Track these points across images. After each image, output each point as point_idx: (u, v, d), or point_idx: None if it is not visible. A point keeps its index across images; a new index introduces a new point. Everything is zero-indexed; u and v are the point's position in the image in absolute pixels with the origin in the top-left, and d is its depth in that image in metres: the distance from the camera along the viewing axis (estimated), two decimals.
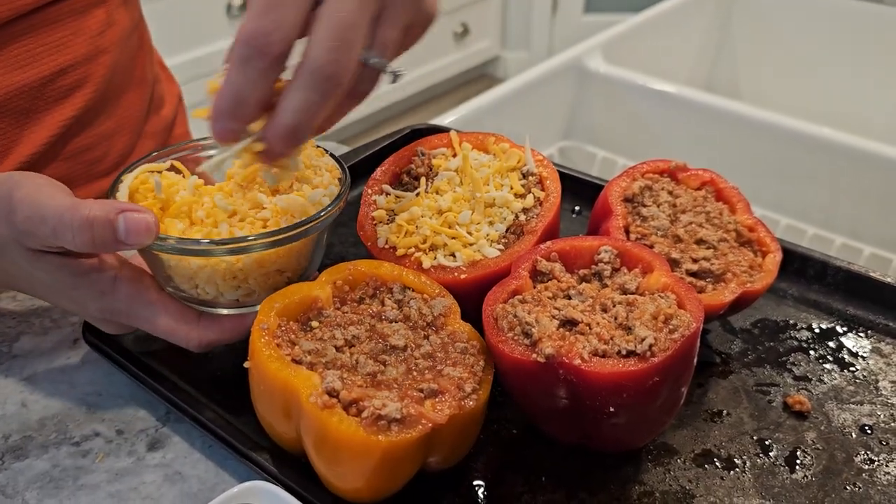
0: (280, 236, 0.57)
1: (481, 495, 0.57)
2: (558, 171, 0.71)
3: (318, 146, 0.66)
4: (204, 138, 0.67)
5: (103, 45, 0.81)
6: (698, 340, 0.54)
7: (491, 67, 3.54)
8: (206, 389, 0.64)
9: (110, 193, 0.60)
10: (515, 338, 0.54)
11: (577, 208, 0.88)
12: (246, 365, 0.55)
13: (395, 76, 0.55)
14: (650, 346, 0.51)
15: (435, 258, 0.62)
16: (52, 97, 0.78)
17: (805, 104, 1.65)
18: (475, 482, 0.58)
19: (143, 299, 0.60)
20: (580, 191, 0.86)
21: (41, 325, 0.72)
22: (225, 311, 0.62)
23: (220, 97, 0.51)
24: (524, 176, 0.68)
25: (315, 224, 0.59)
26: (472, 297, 0.59)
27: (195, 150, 0.67)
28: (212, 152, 0.66)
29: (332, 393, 0.50)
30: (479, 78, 3.53)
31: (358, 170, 0.88)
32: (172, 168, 0.65)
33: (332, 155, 0.66)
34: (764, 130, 1.27)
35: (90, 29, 0.80)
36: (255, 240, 0.56)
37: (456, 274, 0.61)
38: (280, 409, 0.53)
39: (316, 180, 0.63)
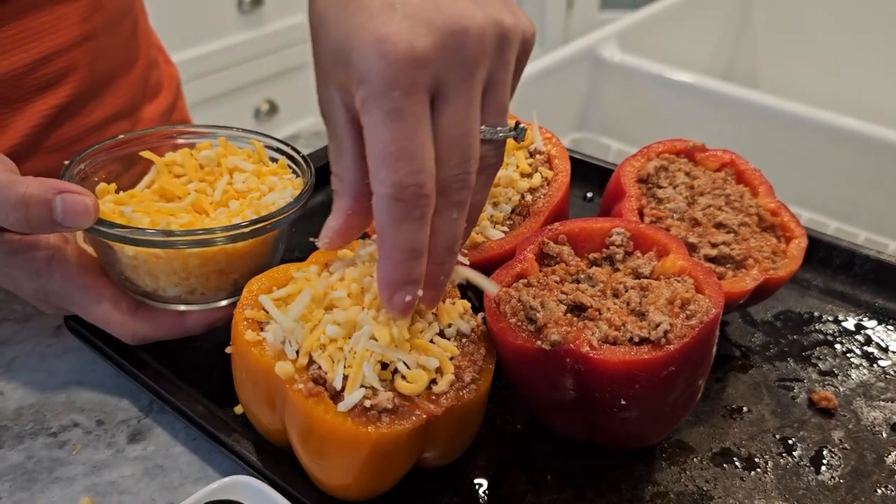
0: (239, 231, 0.54)
1: (482, 494, 0.53)
2: (570, 156, 0.67)
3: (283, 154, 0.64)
4: (175, 125, 0.65)
5: (90, 31, 0.78)
6: (718, 328, 0.50)
7: None
8: (191, 379, 0.60)
9: (63, 174, 0.58)
10: (519, 324, 0.50)
11: (589, 194, 0.84)
12: (228, 350, 0.52)
13: (518, 133, 0.50)
14: (665, 332, 0.47)
15: None
16: (36, 86, 0.75)
17: (828, 93, 1.60)
18: (475, 480, 0.54)
19: (79, 284, 0.58)
20: (593, 175, 0.82)
21: (23, 311, 0.69)
22: (170, 306, 0.59)
23: (390, 267, 0.45)
24: (531, 154, 0.64)
25: (275, 221, 0.55)
26: None
27: (164, 139, 0.64)
28: (182, 140, 0.65)
29: (319, 380, 0.46)
30: None
31: None
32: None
33: (301, 158, 0.62)
34: (785, 121, 1.22)
35: (75, 14, 0.77)
36: (205, 234, 0.53)
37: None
38: (264, 398, 0.49)
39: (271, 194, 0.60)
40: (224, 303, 0.59)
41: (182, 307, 0.58)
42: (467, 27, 0.43)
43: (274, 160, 0.64)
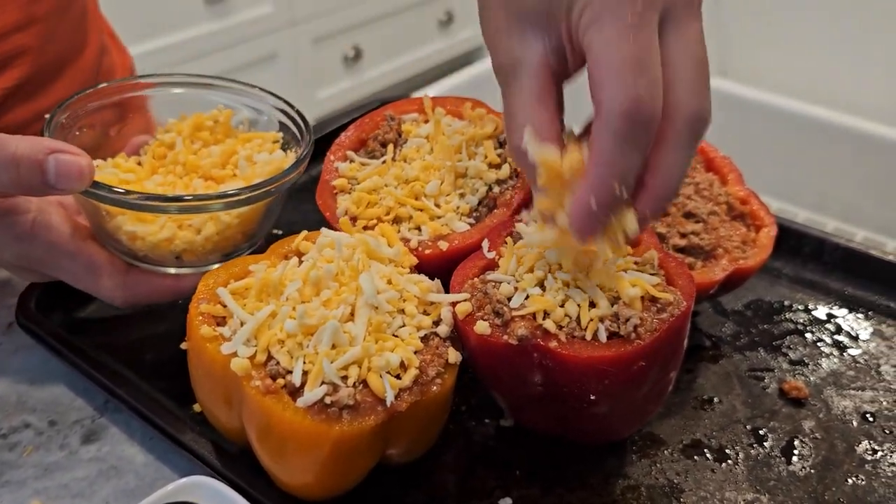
0: (234, 198, 0.53)
1: (449, 491, 0.52)
2: None
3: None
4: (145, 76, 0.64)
5: (37, 13, 0.75)
6: (689, 321, 0.49)
7: (476, 56, 3.49)
8: (148, 376, 0.58)
9: (46, 129, 0.55)
10: (485, 317, 0.49)
11: None
12: (183, 346, 0.50)
13: None
14: (635, 326, 0.46)
15: (398, 231, 0.57)
16: None
17: (798, 83, 1.60)
18: (442, 477, 0.53)
19: (65, 248, 0.55)
20: None
21: None
22: (162, 270, 0.58)
23: (597, 193, 0.42)
24: (500, 144, 0.62)
25: (274, 187, 0.55)
26: (438, 274, 0.53)
27: (135, 89, 0.63)
28: (149, 92, 0.63)
29: (277, 376, 0.44)
30: (464, 67, 3.48)
31: (323, 145, 0.82)
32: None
33: (299, 115, 0.62)
34: (755, 110, 1.23)
35: None
36: (200, 200, 0.52)
37: (420, 248, 0.56)
38: (221, 396, 0.47)
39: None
40: (217, 266, 0.58)
41: (173, 270, 0.57)
42: None
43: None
